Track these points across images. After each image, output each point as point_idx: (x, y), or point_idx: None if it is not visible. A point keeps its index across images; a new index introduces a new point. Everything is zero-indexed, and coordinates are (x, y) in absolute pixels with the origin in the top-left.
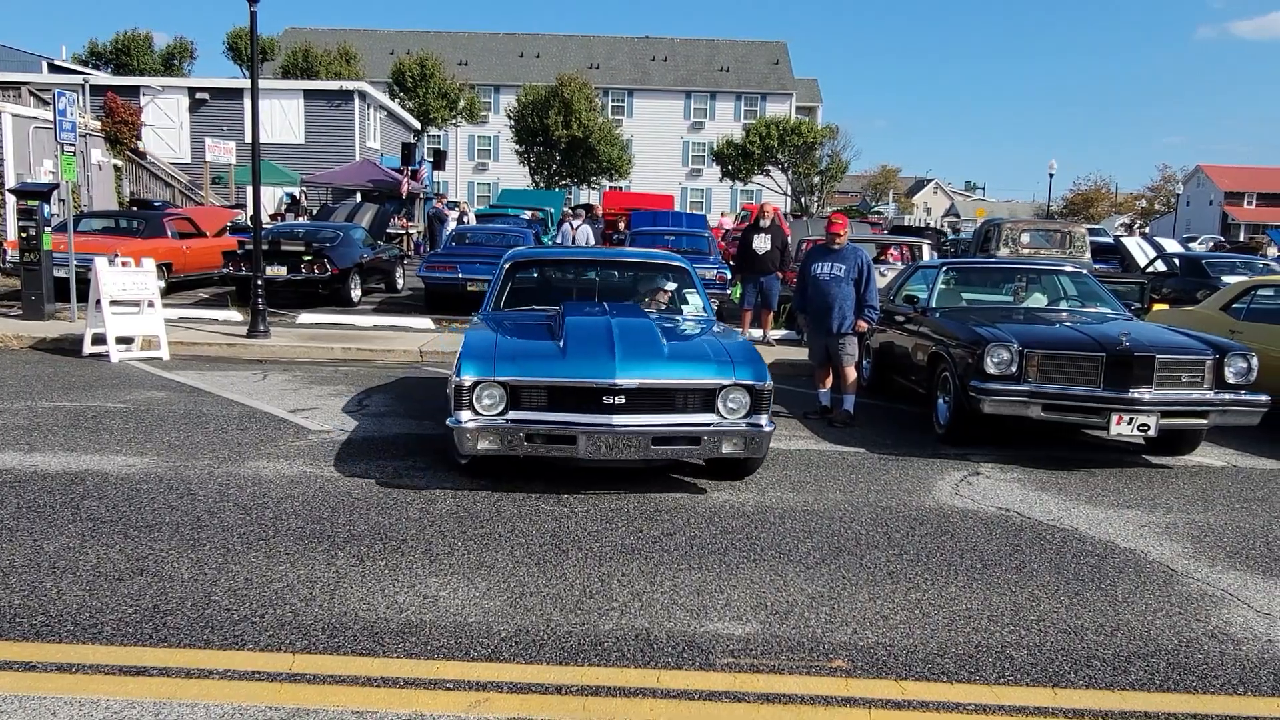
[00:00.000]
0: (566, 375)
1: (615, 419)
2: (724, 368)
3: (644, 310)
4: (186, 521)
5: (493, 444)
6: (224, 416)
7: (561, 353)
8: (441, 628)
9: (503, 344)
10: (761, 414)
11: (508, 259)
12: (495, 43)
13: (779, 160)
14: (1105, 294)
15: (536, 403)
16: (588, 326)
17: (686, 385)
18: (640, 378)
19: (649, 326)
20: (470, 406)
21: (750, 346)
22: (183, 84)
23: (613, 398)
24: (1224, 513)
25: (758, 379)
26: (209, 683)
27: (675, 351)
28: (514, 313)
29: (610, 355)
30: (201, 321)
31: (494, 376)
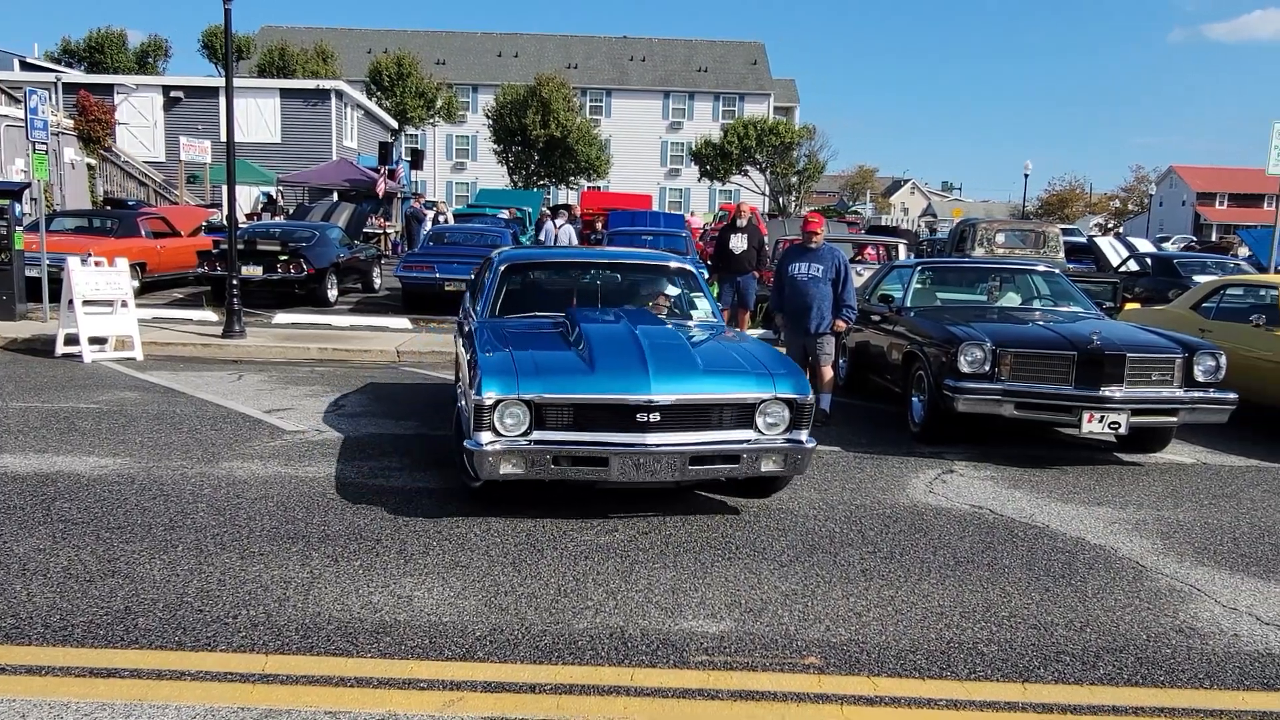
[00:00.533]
0: (597, 391)
1: (649, 438)
2: (763, 380)
3: (659, 317)
4: (159, 523)
5: (516, 467)
6: (198, 417)
7: (589, 366)
8: (416, 627)
9: (522, 357)
10: (801, 429)
11: (502, 261)
12: (473, 42)
13: (757, 160)
14: (1078, 293)
15: (562, 422)
16: (612, 337)
17: (725, 400)
18: (677, 393)
19: (677, 336)
20: (491, 427)
21: (785, 357)
22: (157, 82)
23: (647, 415)
24: (1193, 509)
25: (799, 392)
26: (181, 684)
27: (710, 363)
28: (515, 320)
29: (643, 368)
30: (176, 321)
31: (518, 394)
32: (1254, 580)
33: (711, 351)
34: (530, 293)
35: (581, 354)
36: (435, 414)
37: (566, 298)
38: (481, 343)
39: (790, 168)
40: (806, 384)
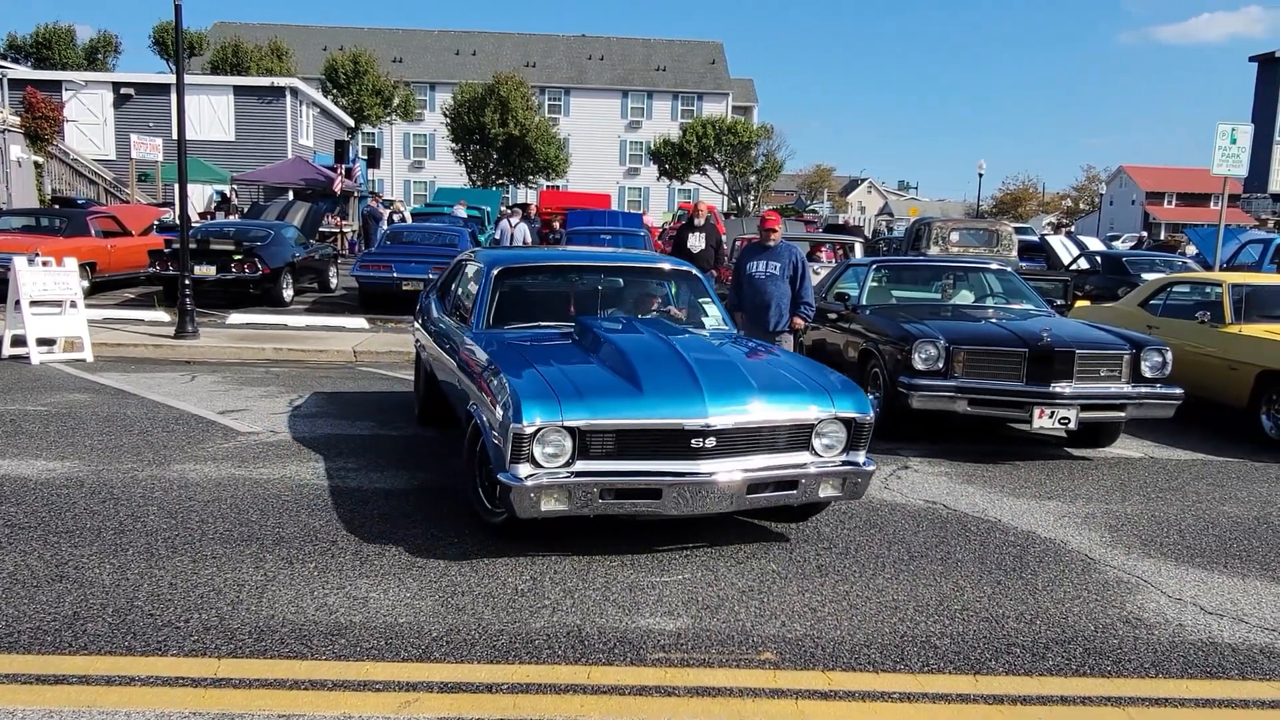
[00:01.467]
0: (649, 415)
1: (703, 465)
2: (820, 398)
3: (681, 326)
4: (109, 526)
5: (559, 503)
6: (149, 419)
7: (636, 387)
8: (371, 629)
9: (555, 377)
10: (859, 450)
11: (494, 265)
12: (430, 40)
13: (715, 160)
14: (1029, 291)
15: (605, 450)
16: (652, 352)
17: (782, 421)
18: (734, 415)
19: (719, 350)
20: (530, 458)
21: (839, 373)
22: (107, 79)
23: (702, 440)
24: (1140, 502)
25: (860, 410)
26: (131, 690)
27: (763, 380)
28: (518, 331)
29: (696, 388)
30: (127, 322)
31: (561, 420)
32: (1198, 571)
33: (756, 366)
34: (526, 299)
35: (619, 372)
36: (392, 414)
37: (563, 304)
38: (500, 360)
39: (748, 167)
40: (866, 401)
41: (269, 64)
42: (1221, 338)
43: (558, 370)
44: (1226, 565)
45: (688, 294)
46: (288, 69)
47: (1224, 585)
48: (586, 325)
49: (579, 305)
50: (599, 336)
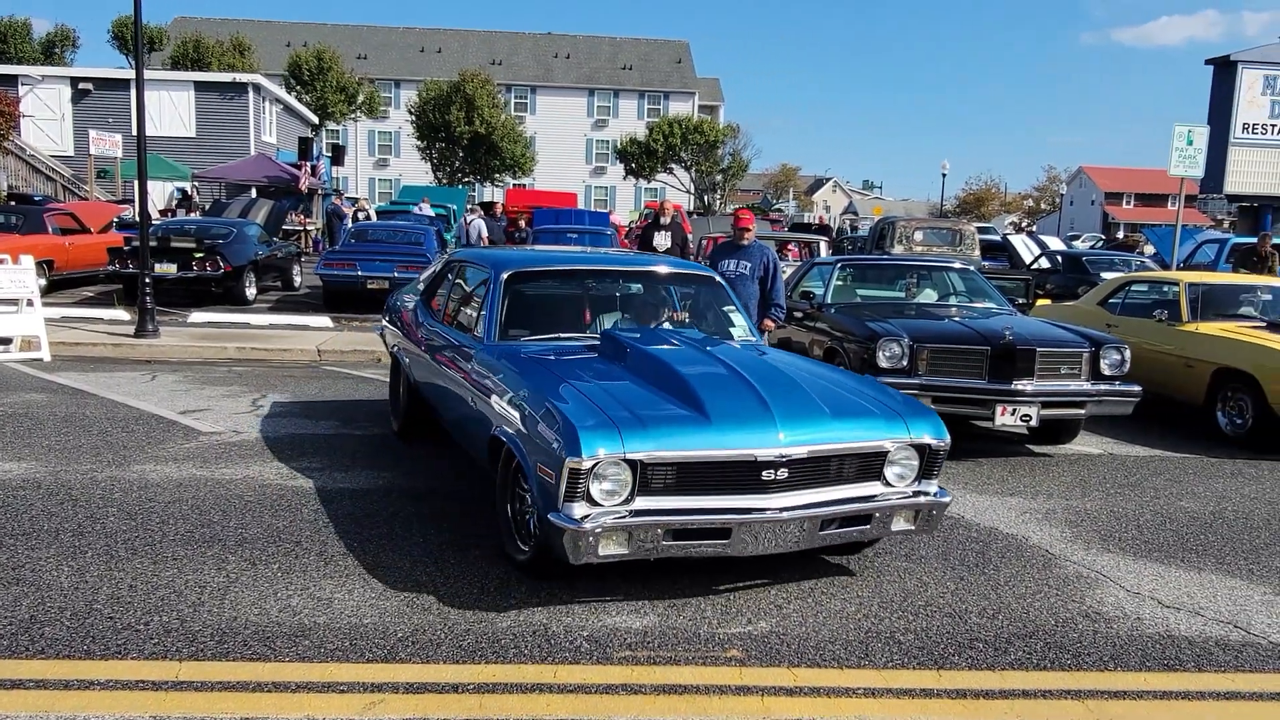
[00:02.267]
0: (719, 444)
1: (774, 499)
2: (893, 422)
3: (717, 336)
4: (67, 528)
5: (619, 546)
6: (108, 419)
7: (701, 413)
8: (336, 630)
9: (607, 401)
10: (932, 479)
11: (503, 270)
12: (395, 37)
13: (682, 159)
14: (991, 290)
15: (666, 484)
16: (709, 371)
17: (856, 449)
18: (809, 442)
19: (776, 368)
20: (587, 496)
21: (904, 394)
22: (64, 74)
23: (774, 471)
24: (1100, 498)
25: (937, 435)
26: (89, 694)
27: (832, 403)
28: (537, 344)
29: (767, 413)
30: (86, 321)
31: (623, 452)
32: (1156, 565)
33: (819, 386)
34: (538, 307)
35: (677, 395)
36: (357, 413)
37: (577, 312)
38: (538, 381)
39: (715, 166)
40: (942, 425)
41: (231, 60)
42: (1179, 336)
43: (605, 393)
44: (1183, 559)
45: (711, 301)
46: (250, 65)
47: (1181, 579)
48: (617, 339)
49: (594, 313)
50: (640, 352)
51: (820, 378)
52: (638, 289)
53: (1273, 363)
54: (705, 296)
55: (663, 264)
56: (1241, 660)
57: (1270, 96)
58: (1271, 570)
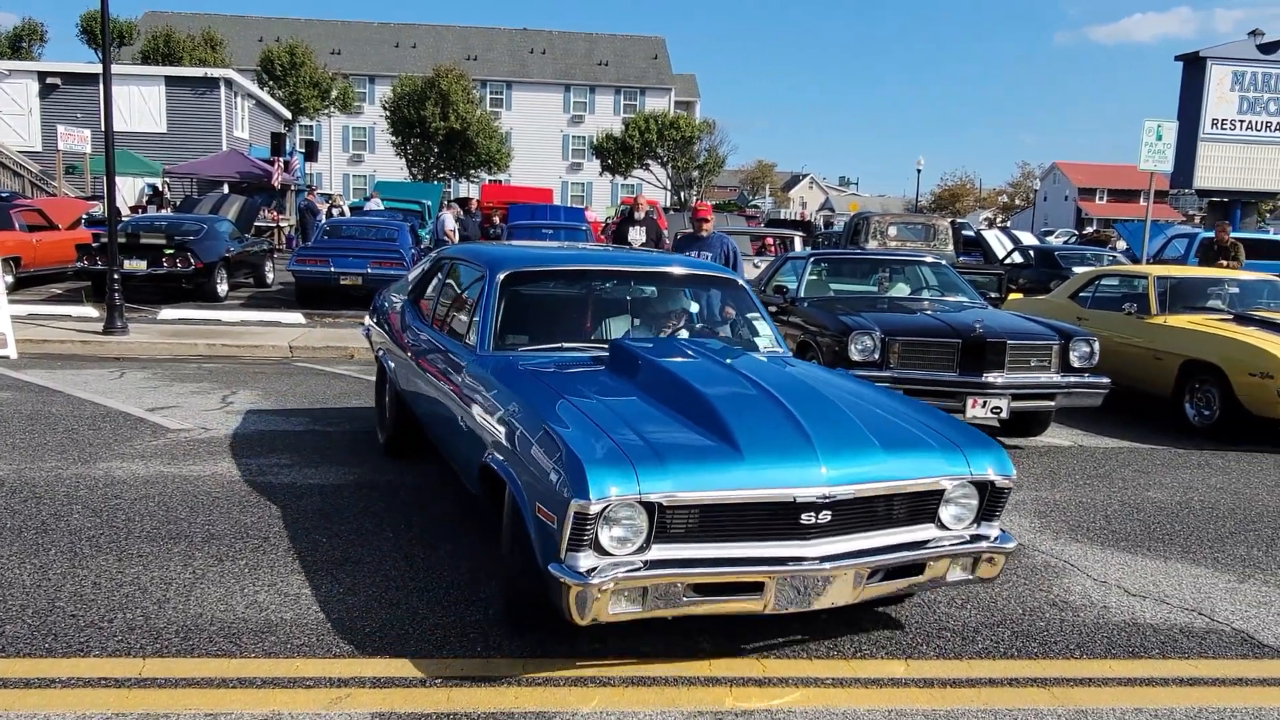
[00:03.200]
0: (751, 482)
1: (814, 547)
2: (950, 455)
3: (740, 347)
4: (30, 525)
5: (632, 604)
6: (75, 416)
7: (731, 445)
8: (303, 625)
9: (621, 429)
10: (994, 520)
11: (499, 269)
12: (369, 32)
13: (658, 154)
14: (963, 284)
15: (688, 529)
16: (737, 393)
17: (909, 488)
18: (856, 480)
19: (816, 389)
20: (595, 544)
21: (958, 420)
22: (32, 68)
23: (815, 515)
24: (1069, 490)
25: (1000, 470)
26: (51, 692)
27: (882, 432)
28: (537, 356)
29: (807, 446)
30: (54, 318)
31: (638, 493)
32: (1123, 555)
33: (865, 412)
34: (537, 312)
35: (701, 422)
36: (328, 410)
37: (579, 317)
38: (537, 402)
39: (690, 162)
40: (1007, 457)
41: (202, 54)
42: (1147, 329)
43: (615, 417)
44: (1150, 549)
45: (733, 306)
46: (222, 60)
47: (1147, 568)
48: (628, 350)
49: (600, 319)
50: (654, 367)
51: (862, 399)
52: (651, 292)
53: (1239, 354)
54: (726, 301)
55: (678, 264)
56: (1205, 647)
57: (1239, 92)
58: (1235, 559)
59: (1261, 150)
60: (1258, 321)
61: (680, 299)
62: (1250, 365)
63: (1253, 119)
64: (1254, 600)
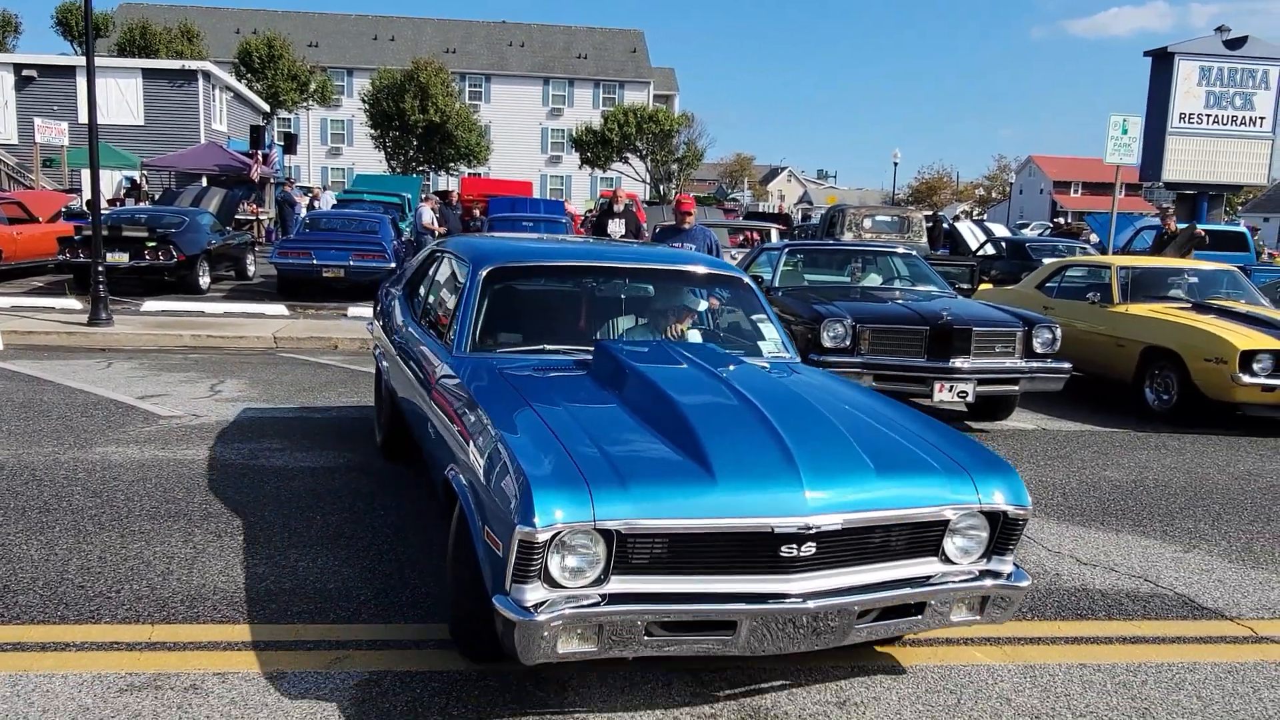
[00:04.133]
0: (723, 510)
1: (795, 583)
2: (957, 481)
3: (735, 353)
4: (33, 506)
5: (585, 643)
6: (67, 404)
7: (704, 466)
8: (301, 594)
9: (583, 444)
10: (1006, 554)
11: (482, 264)
12: (347, 24)
13: (637, 148)
14: (933, 274)
15: (653, 560)
16: (718, 406)
17: (908, 517)
18: (846, 508)
19: (809, 401)
20: (543, 575)
21: (974, 439)
22: (7, 60)
23: (796, 547)
24: (1030, 469)
25: (1013, 500)
26: (66, 655)
27: (879, 453)
28: (517, 358)
29: (790, 467)
30: (37, 310)
31: (593, 519)
32: (1077, 528)
33: (862, 428)
34: (524, 311)
35: (674, 438)
36: (316, 396)
37: (572, 317)
38: (497, 411)
39: (669, 155)
40: (1021, 485)
41: (179, 46)
42: (1110, 317)
43: (582, 431)
44: (1103, 523)
45: (737, 307)
46: (199, 52)
47: (1099, 540)
48: (612, 355)
49: (593, 319)
50: (637, 375)
51: (864, 413)
52: (647, 290)
53: (1195, 341)
54: (730, 301)
55: (678, 261)
56: (1149, 610)
57: (1205, 87)
58: (1183, 531)
59: (1227, 144)
60: (1216, 310)
61: (679, 297)
62: (1206, 351)
63: (1219, 113)
64: (1197, 568)
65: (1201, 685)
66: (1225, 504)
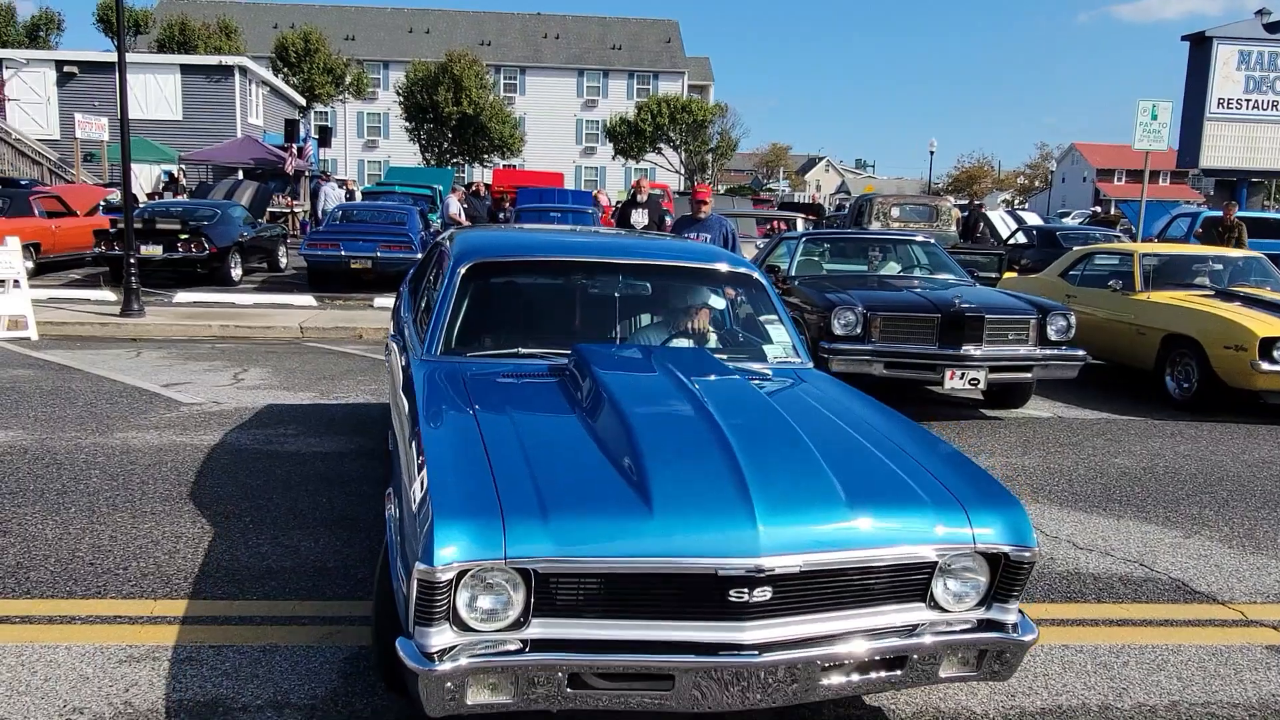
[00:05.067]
0: (658, 549)
1: (748, 632)
2: (947, 514)
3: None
4: (52, 488)
5: (499, 694)
6: (93, 392)
7: (641, 496)
8: (301, 572)
9: (508, 467)
10: (1009, 602)
11: (462, 260)
12: (383, 17)
13: (670, 138)
14: (952, 262)
15: (582, 602)
16: (670, 423)
17: (886, 559)
18: (804, 549)
19: (782, 418)
20: (451, 617)
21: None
22: (50, 57)
23: (747, 592)
24: (1039, 456)
25: (1015, 539)
26: (71, 627)
27: (855, 480)
28: (487, 363)
29: (741, 498)
30: (73, 301)
31: (503, 556)
32: (1078, 514)
33: (841, 447)
34: (509, 309)
35: (617, 461)
36: (334, 385)
37: (566, 317)
38: (429, 424)
39: (703, 145)
40: (1025, 521)
41: (217, 42)
42: (1131, 304)
43: (521, 452)
44: (1106, 508)
45: (745, 306)
46: (236, 47)
47: (1099, 525)
48: (585, 360)
49: (585, 319)
50: (600, 385)
51: (856, 428)
52: (645, 288)
53: (1214, 328)
54: (739, 299)
55: (682, 256)
56: (1140, 593)
57: (1245, 72)
58: (1187, 517)
59: (1267, 129)
60: (1241, 298)
61: (683, 295)
62: (1225, 338)
63: (1259, 98)
64: (1195, 554)
65: (1183, 667)
66: (1234, 491)
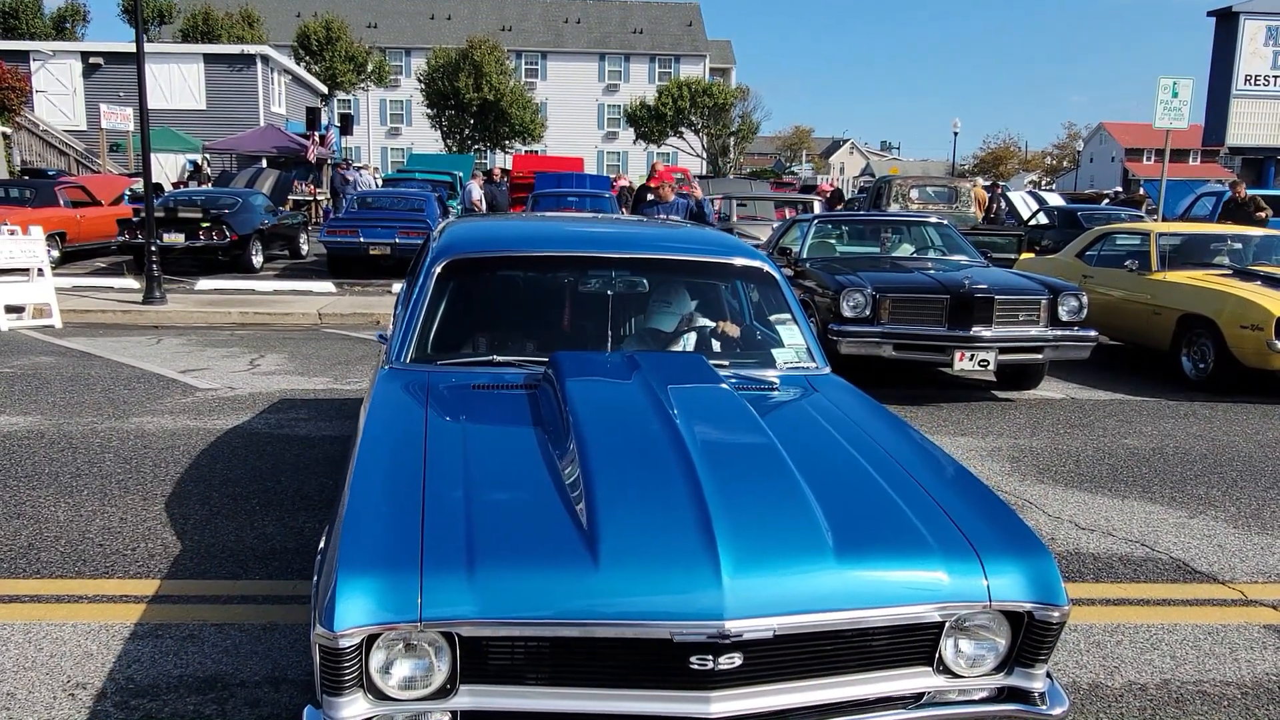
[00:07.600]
0: (604, 611)
1: (716, 703)
2: (957, 564)
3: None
4: (66, 472)
5: None
6: (112, 378)
7: (587, 543)
8: (304, 553)
9: (442, 506)
10: (1036, 666)
11: (439, 257)
12: (404, 4)
13: (691, 122)
14: (965, 243)
15: (521, 665)
16: (630, 453)
17: (881, 619)
18: (780, 611)
19: (770, 444)
20: (364, 684)
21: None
22: (75, 48)
23: (711, 659)
24: (1048, 437)
25: (1040, 594)
26: (78, 606)
27: (846, 522)
28: (455, 373)
29: (705, 548)
30: (96, 290)
31: (417, 619)
32: (1082, 494)
33: (839, 478)
34: (489, 310)
35: (564, 499)
36: (348, 370)
37: (555, 316)
38: (366, 458)
39: (725, 129)
40: (1055, 574)
41: (240, 31)
42: (1147, 284)
43: (461, 489)
44: (1112, 489)
45: (757, 303)
46: (259, 36)
47: (1103, 505)
48: (560, 372)
49: (578, 321)
50: (562, 403)
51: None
52: (643, 285)
53: (1230, 307)
54: (750, 296)
55: (686, 249)
56: (1140, 573)
57: (1272, 47)
58: (1193, 498)
59: None
60: (1261, 277)
61: (686, 293)
62: (1241, 318)
63: None
64: (1199, 534)
65: (1178, 646)
66: (1243, 470)
